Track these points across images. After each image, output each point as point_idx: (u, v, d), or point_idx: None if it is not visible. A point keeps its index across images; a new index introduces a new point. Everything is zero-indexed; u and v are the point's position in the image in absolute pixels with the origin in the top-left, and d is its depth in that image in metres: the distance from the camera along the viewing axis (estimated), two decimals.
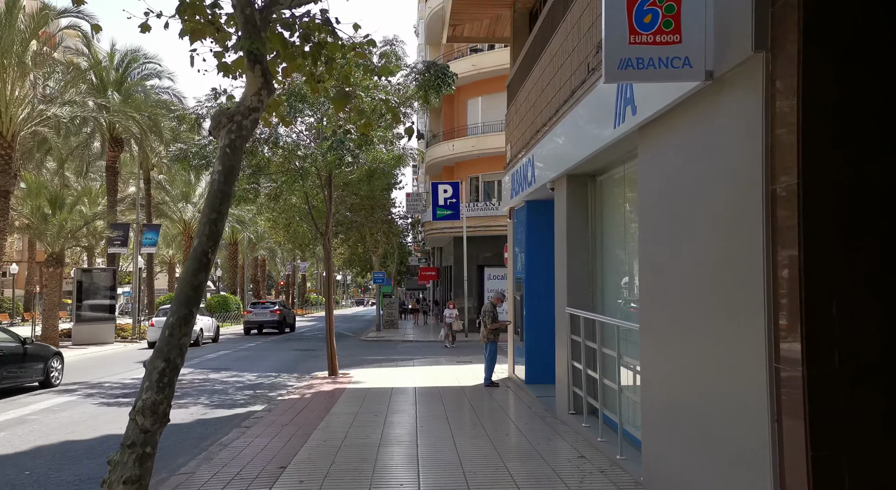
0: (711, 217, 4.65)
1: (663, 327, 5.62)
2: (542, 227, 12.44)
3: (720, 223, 4.53)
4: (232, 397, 12.90)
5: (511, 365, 14.20)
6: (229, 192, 5.45)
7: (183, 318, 4.97)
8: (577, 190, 9.15)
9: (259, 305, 35.54)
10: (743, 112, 4.27)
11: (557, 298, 9.86)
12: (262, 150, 14.45)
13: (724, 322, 4.51)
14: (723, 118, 4.53)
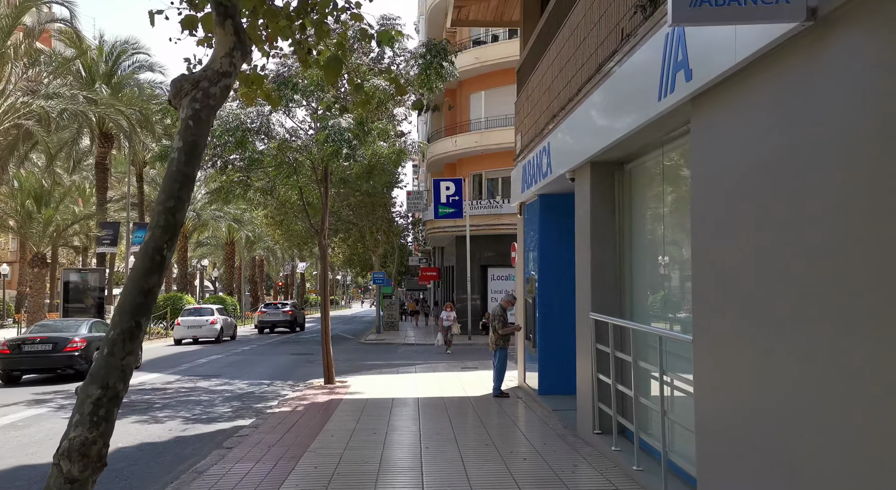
0: (817, 200, 3.57)
1: (733, 338, 4.55)
2: (558, 223, 11.39)
3: (830, 207, 3.46)
4: (217, 410, 11.82)
5: (522, 373, 13.13)
6: (192, 174, 4.39)
7: (128, 332, 3.91)
8: (603, 180, 8.07)
9: (272, 306, 37.79)
10: (858, 62, 3.21)
11: (579, 302, 8.79)
12: (252, 142, 13.37)
13: (849, 326, 3.44)
14: (828, 72, 3.46)
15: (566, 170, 8.91)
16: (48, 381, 15.82)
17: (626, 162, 7.92)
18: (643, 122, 5.93)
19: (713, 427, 4.83)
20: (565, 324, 11.31)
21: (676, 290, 6.74)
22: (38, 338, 15.94)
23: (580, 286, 8.72)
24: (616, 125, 6.80)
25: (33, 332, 16.83)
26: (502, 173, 31.54)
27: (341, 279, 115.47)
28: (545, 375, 11.42)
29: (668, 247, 6.86)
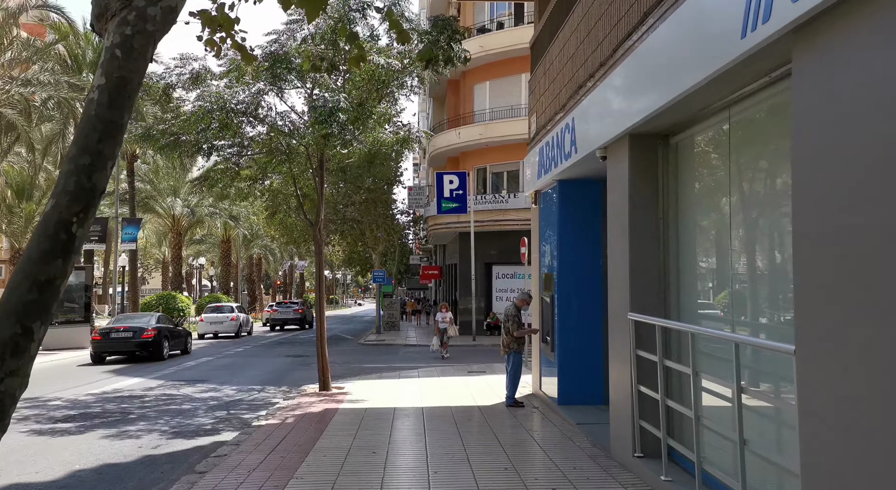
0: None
1: (863, 349, 3.30)
2: (581, 211, 10.17)
3: None
4: (199, 421, 10.57)
5: (537, 379, 11.88)
6: (118, 121, 3.19)
7: (9, 344, 2.69)
8: (643, 156, 6.82)
9: (283, 305, 40.19)
10: None
11: (612, 300, 7.55)
12: (235, 123, 12.09)
13: None
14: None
15: (596, 146, 7.66)
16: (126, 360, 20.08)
17: (673, 133, 6.67)
18: (714, 72, 4.68)
19: (833, 473, 3.58)
20: (589, 325, 10.10)
21: (747, 288, 5.49)
22: (121, 327, 20.26)
23: (614, 283, 7.47)
24: (670, 84, 5.55)
25: (117, 322, 21.09)
26: (508, 167, 30.31)
27: (341, 279, 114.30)
28: (565, 383, 10.17)
29: (735, 233, 5.61)
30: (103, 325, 22.09)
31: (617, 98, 6.99)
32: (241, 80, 12.38)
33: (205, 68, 13.01)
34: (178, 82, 13.05)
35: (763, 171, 5.30)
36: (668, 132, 6.69)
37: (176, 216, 39.40)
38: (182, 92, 13.48)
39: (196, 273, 62.73)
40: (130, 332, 20.01)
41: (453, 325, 21.43)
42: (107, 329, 20.49)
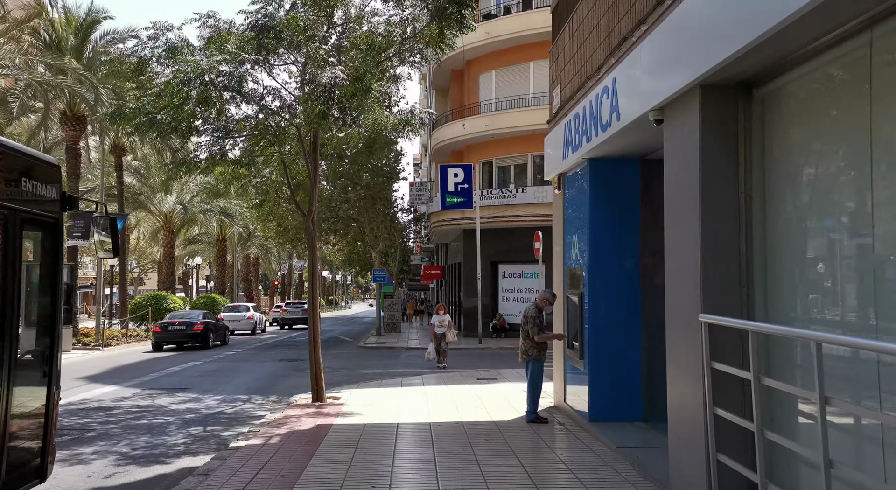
0: None
1: None
2: (616, 195, 8.70)
3: None
4: (169, 441, 9.07)
5: (561, 389, 10.38)
6: None
7: None
8: (719, 112, 5.32)
9: (292, 305, 42.25)
10: None
11: (671, 298, 6.06)
12: (215, 97, 10.56)
13: None
14: None
15: (649, 108, 6.17)
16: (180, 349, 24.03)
17: (761, 82, 5.17)
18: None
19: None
20: (625, 328, 8.63)
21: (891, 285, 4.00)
22: (177, 321, 24.83)
23: (673, 277, 5.98)
24: (774, 5, 4.07)
25: (173, 318, 25.44)
26: (515, 160, 28.82)
27: (341, 279, 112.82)
28: (598, 396, 8.68)
29: (875, 212, 4.11)
30: (162, 320, 25.62)
31: (682, 41, 5.49)
32: (223, 49, 10.89)
33: (182, 40, 11.54)
34: (152, 56, 11.57)
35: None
36: (752, 81, 5.20)
37: (167, 213, 37.90)
38: (158, 68, 11.98)
39: (193, 273, 61.22)
40: (184, 326, 24.48)
41: (453, 328, 18.01)
42: (165, 323, 24.76)
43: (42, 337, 5.59)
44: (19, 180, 5.14)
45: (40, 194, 5.40)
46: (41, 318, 5.60)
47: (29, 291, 5.39)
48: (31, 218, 5.27)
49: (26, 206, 5.18)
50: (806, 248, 4.94)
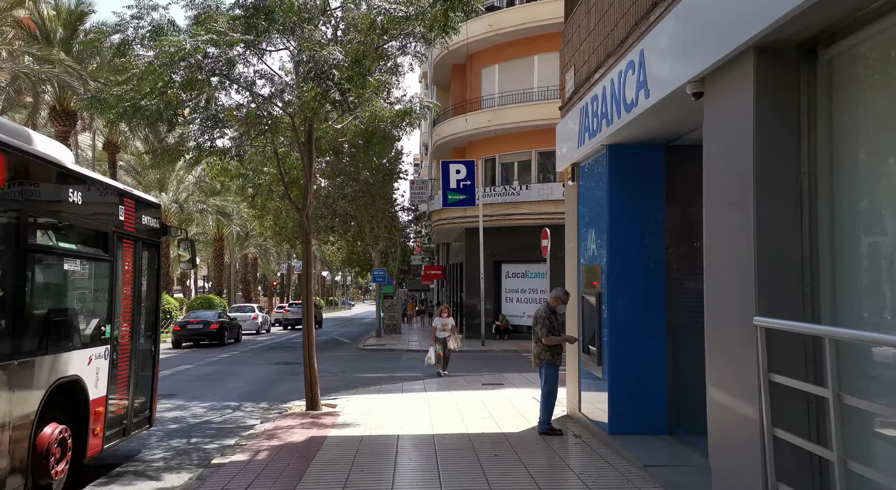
0: None
1: None
2: (639, 184, 7.92)
3: None
4: (147, 454, 8.27)
5: (575, 396, 9.57)
6: None
7: None
8: (778, 79, 4.52)
9: (295, 305, 42.76)
10: None
11: (713, 297, 5.27)
12: (202, 79, 9.75)
13: None
14: None
15: (687, 79, 5.37)
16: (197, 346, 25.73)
17: (829, 42, 4.37)
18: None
19: None
20: (648, 331, 7.85)
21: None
22: (195, 320, 26.74)
23: (718, 273, 5.19)
24: None
25: (191, 317, 27.36)
26: (519, 157, 28.03)
27: (341, 280, 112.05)
28: (619, 406, 7.88)
29: None
30: (181, 319, 28.20)
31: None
32: (211, 29, 10.09)
33: (169, 21, 10.75)
34: (135, 37, 10.78)
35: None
36: (818, 41, 4.40)
37: (163, 212, 37.15)
38: (142, 51, 11.20)
39: (191, 273, 60.44)
40: (201, 324, 26.21)
41: (456, 334, 16.15)
42: (184, 322, 26.74)
43: (150, 324, 8.37)
44: (141, 218, 7.97)
45: (151, 226, 8.29)
46: (148, 310, 8.31)
47: (146, 292, 8.26)
48: (147, 242, 8.14)
49: (145, 234, 8.05)
50: (884, 238, 4.15)
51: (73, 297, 6.87)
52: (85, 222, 6.82)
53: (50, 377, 5.98)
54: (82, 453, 6.53)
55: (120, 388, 7.42)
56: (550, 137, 26.09)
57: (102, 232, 7.11)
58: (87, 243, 6.94)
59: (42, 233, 6.12)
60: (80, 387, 6.53)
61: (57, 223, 6.31)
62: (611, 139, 7.75)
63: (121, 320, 7.42)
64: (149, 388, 8.27)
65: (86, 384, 6.60)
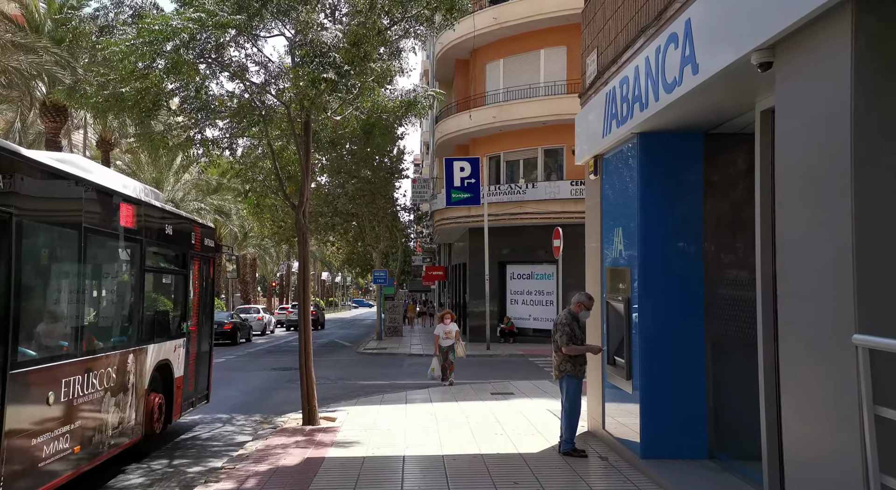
0: None
1: None
2: (677, 177, 7.09)
3: None
4: (120, 480, 7.40)
5: (597, 412, 8.70)
6: None
7: None
8: (885, 37, 3.66)
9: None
10: None
11: (790, 308, 4.39)
12: (188, 60, 8.86)
13: None
14: None
15: (752, 47, 4.51)
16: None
17: None
18: None
19: None
20: (686, 342, 6.99)
21: None
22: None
23: (796, 279, 4.32)
24: None
25: None
26: (524, 154, 27.17)
27: (340, 281, 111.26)
28: (653, 426, 7.01)
29: None
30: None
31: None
32: (200, 7, 9.23)
33: (153, 4, 9.92)
34: (114, 22, 9.96)
35: None
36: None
37: None
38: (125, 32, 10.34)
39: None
40: (216, 325, 27.05)
41: (461, 340, 14.81)
42: None
43: (208, 322, 10.67)
44: (204, 240, 10.23)
45: (209, 246, 10.54)
46: (207, 311, 10.60)
47: (207, 297, 10.53)
48: (207, 258, 10.42)
49: (206, 252, 10.33)
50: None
51: (166, 302, 9.27)
52: (174, 248, 9.30)
53: (154, 360, 8.41)
54: (169, 418, 8.99)
55: (191, 370, 9.86)
56: (557, 134, 25.34)
57: (183, 253, 9.57)
58: (174, 262, 9.49)
59: (151, 257, 8.50)
60: (169, 368, 8.98)
61: (159, 250, 8.80)
62: (643, 126, 6.89)
63: (192, 319, 9.95)
64: (207, 373, 10.72)
65: (173, 366, 9.07)
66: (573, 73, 25.14)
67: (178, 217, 9.58)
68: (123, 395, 7.50)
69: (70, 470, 6.24)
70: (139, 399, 7.92)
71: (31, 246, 5.70)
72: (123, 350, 7.54)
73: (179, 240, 9.36)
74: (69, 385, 6.18)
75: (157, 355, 8.44)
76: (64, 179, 6.27)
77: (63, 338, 6.35)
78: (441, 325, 14.71)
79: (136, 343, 7.86)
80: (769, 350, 5.50)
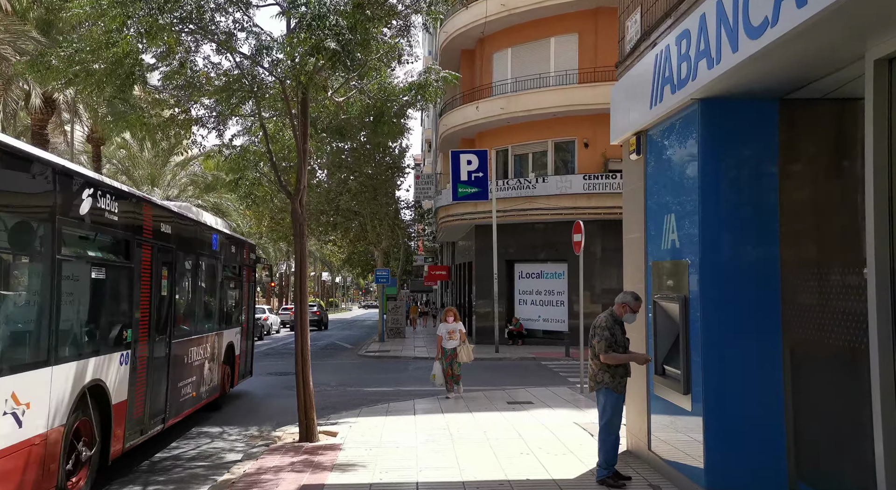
0: None
1: None
2: (749, 150, 5.93)
3: None
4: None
5: (642, 430, 7.51)
6: None
7: None
8: None
9: None
10: None
11: None
12: (166, 24, 7.66)
13: None
14: None
15: None
16: None
17: None
18: None
19: None
20: (762, 351, 5.81)
21: None
22: None
23: None
24: None
25: None
26: (533, 148, 25.98)
27: (341, 282, 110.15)
28: (720, 451, 5.81)
29: None
30: None
31: None
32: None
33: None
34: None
35: None
36: None
37: None
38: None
39: None
40: None
41: (467, 343, 12.56)
42: None
43: (252, 317, 14.19)
44: (250, 254, 13.81)
45: (253, 258, 14.12)
46: (251, 308, 14.18)
47: (251, 298, 14.01)
48: (252, 268, 13.99)
49: (251, 264, 13.97)
50: None
51: (231, 301, 12.53)
52: (235, 261, 12.61)
53: (226, 341, 11.92)
54: (232, 384, 12.56)
55: (243, 352, 13.44)
56: (568, 126, 24.10)
57: (239, 265, 13.00)
58: (234, 272, 12.72)
59: (224, 269, 11.79)
60: (233, 348, 12.45)
61: (228, 264, 12.03)
62: (708, 89, 5.70)
63: (244, 313, 13.49)
64: (251, 354, 14.42)
65: (235, 347, 12.57)
66: (585, 61, 23.98)
67: (237, 239, 13.33)
68: (212, 363, 11.01)
69: (190, 407, 9.78)
70: (219, 367, 11.56)
71: (177, 265, 9.22)
72: (213, 333, 11.12)
73: (238, 255, 12.97)
74: (192, 352, 9.84)
75: (227, 338, 12.13)
76: (187, 220, 9.82)
77: (189, 323, 9.95)
78: (444, 324, 12.72)
79: (218, 329, 11.47)
80: (888, 361, 4.34)
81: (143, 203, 8.08)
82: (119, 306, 7.45)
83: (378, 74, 10.19)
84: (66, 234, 6.09)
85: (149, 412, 7.95)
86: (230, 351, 12.25)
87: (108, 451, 6.67)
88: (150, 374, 8.04)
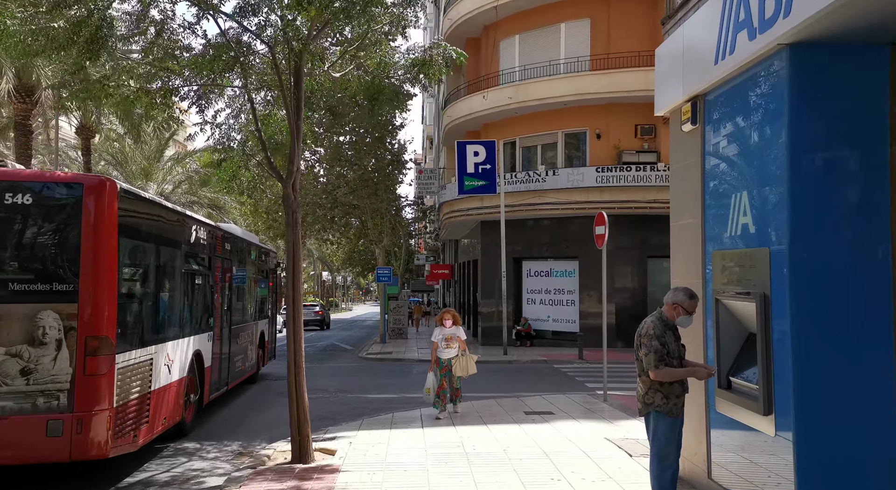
0: None
1: None
2: (852, 111, 4.69)
3: None
4: None
5: (700, 455, 6.29)
6: None
7: None
8: None
9: (304, 307, 52.52)
10: None
11: None
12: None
13: None
14: None
15: None
16: None
17: None
18: None
19: None
20: (868, 361, 4.57)
21: None
22: None
23: None
24: None
25: None
26: (542, 139, 24.75)
27: (341, 281, 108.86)
28: (824, 485, 4.59)
29: None
30: None
31: None
32: None
33: None
34: None
35: None
36: None
37: None
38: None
39: None
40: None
41: (468, 354, 10.49)
42: None
43: (274, 310, 17.56)
44: (269, 259, 16.76)
45: (275, 263, 17.49)
46: (275, 304, 17.82)
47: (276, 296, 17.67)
48: (275, 272, 17.52)
49: (275, 268, 17.51)
50: None
51: (261, 299, 15.51)
52: (264, 266, 15.87)
53: (259, 329, 15.09)
54: (263, 362, 15.85)
55: (270, 338, 16.60)
56: (579, 116, 22.77)
57: (267, 268, 16.29)
58: (266, 276, 16.16)
59: (258, 273, 15.08)
60: (264, 335, 15.66)
61: (260, 268, 15.33)
62: (801, 32, 4.49)
63: (271, 308, 16.91)
64: (275, 342, 17.23)
65: (265, 333, 15.75)
66: (598, 47, 22.77)
67: (266, 249, 16.51)
68: (251, 346, 13.93)
69: (238, 378, 12.82)
70: (255, 350, 14.34)
71: (232, 271, 12.27)
72: (252, 322, 14.08)
73: (266, 261, 16.11)
74: (241, 337, 12.97)
75: (261, 327, 15.10)
76: (235, 238, 12.80)
77: (239, 314, 12.90)
78: (440, 329, 10.48)
79: (254, 319, 14.33)
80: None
81: (216, 229, 11.28)
82: (206, 301, 10.51)
83: (379, 49, 8.98)
84: (186, 252, 9.34)
85: (221, 377, 11.41)
86: (262, 337, 15.39)
87: (202, 399, 10.06)
88: (222, 349, 11.34)
